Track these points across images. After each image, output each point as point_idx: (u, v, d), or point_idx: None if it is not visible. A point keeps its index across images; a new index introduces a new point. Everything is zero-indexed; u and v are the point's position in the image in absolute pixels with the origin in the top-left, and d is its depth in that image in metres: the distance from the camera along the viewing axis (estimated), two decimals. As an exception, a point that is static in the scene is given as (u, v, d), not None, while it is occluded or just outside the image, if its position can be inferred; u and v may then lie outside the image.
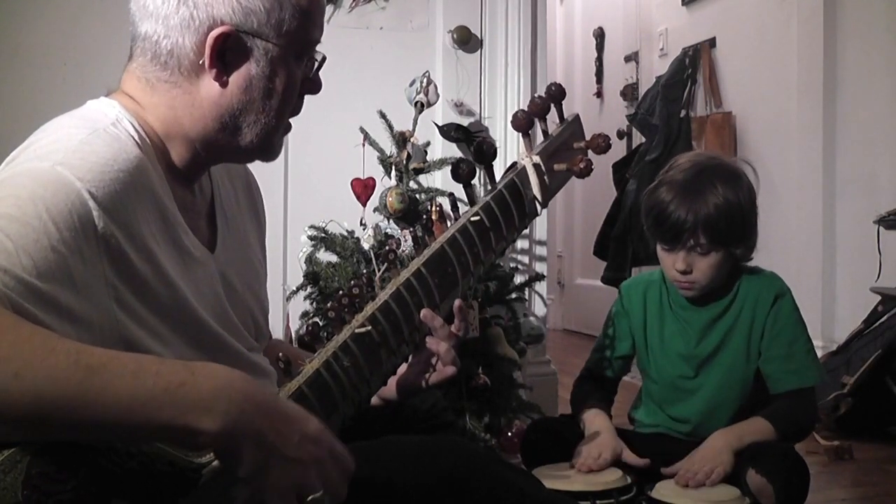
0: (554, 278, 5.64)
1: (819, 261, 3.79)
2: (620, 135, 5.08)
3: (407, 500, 1.04)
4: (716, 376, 1.88)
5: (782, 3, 4.04)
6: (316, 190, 2.83)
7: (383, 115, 2.61)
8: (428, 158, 2.66)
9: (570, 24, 6.07)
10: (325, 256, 2.54)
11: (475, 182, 1.34)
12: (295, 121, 1.16)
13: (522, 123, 1.36)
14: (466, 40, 2.98)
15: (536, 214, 1.38)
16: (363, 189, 2.59)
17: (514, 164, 1.37)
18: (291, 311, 2.58)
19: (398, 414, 1.33)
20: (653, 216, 1.84)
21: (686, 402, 1.91)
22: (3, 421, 0.79)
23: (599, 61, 5.65)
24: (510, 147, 2.98)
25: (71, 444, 0.85)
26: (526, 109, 1.36)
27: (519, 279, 2.83)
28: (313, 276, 2.48)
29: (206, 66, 1.04)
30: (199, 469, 0.92)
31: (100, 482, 0.86)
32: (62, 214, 0.90)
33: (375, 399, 1.25)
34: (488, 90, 3.04)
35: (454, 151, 2.87)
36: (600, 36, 5.63)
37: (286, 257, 2.77)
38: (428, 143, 2.71)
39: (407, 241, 2.36)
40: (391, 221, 2.52)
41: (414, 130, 2.61)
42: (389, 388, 1.27)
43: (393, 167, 2.58)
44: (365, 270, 2.43)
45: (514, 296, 2.72)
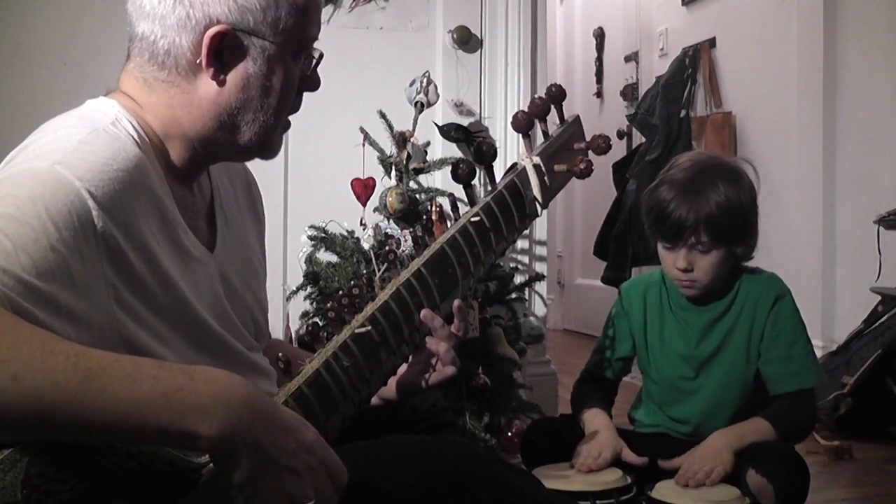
0: (554, 278, 5.64)
1: (819, 261, 3.79)
2: (620, 135, 5.08)
3: (407, 500, 1.04)
4: (716, 377, 1.88)
5: (782, 3, 4.04)
6: (316, 190, 2.83)
7: (383, 115, 2.61)
8: (428, 158, 2.66)
9: (570, 24, 6.07)
10: (325, 256, 2.54)
11: (475, 182, 1.33)
12: (295, 121, 1.16)
13: (522, 124, 1.36)
14: (466, 40, 2.98)
15: (537, 215, 1.38)
16: (363, 189, 2.59)
17: (514, 165, 1.37)
18: (291, 311, 2.58)
19: (398, 414, 1.33)
20: (654, 214, 1.84)
21: (686, 402, 1.90)
22: (2, 423, 0.79)
23: (599, 61, 5.65)
24: (510, 147, 2.98)
25: (71, 443, 0.85)
26: (526, 110, 1.36)
27: (519, 279, 2.83)
28: (313, 276, 2.48)
29: (204, 65, 1.04)
30: (198, 469, 0.92)
31: (99, 482, 0.86)
32: (61, 214, 0.90)
33: (375, 399, 1.25)
34: (488, 90, 3.04)
35: (454, 151, 2.87)
36: (600, 36, 5.63)
37: (286, 257, 2.77)
38: (428, 143, 2.71)
39: (407, 242, 2.36)
40: (391, 221, 2.52)
41: (414, 130, 2.61)
42: (389, 388, 1.27)
43: (393, 167, 2.58)
44: (365, 270, 2.42)
45: (514, 296, 2.72)
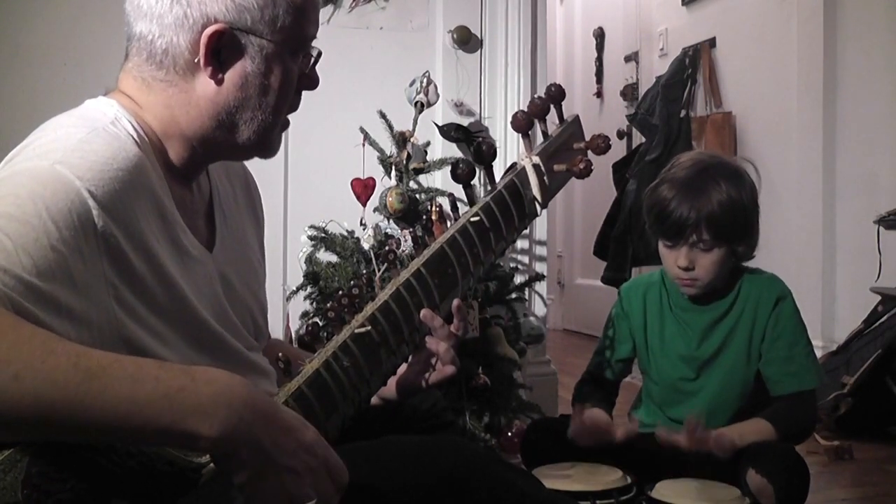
0: (554, 278, 5.64)
1: (819, 261, 3.79)
2: (620, 135, 5.08)
3: (407, 500, 1.04)
4: (716, 378, 1.88)
5: (782, 3, 4.04)
6: (316, 190, 2.83)
7: (383, 115, 2.61)
8: (428, 158, 2.66)
9: (570, 24, 6.07)
10: (325, 256, 2.54)
11: (475, 182, 1.33)
12: (295, 121, 1.16)
13: (522, 124, 1.36)
14: (466, 40, 2.98)
15: (536, 215, 1.38)
16: (363, 189, 2.59)
17: (513, 165, 1.37)
18: (291, 311, 2.58)
19: (398, 414, 1.33)
20: (655, 213, 1.84)
21: (686, 403, 1.90)
22: (2, 422, 0.79)
23: (599, 61, 5.65)
24: (510, 147, 2.98)
25: (71, 443, 0.85)
26: (526, 110, 1.36)
27: (519, 279, 2.83)
28: (313, 276, 2.48)
29: (202, 64, 1.04)
30: (198, 469, 0.92)
31: (99, 481, 0.86)
32: (62, 213, 0.90)
33: (375, 399, 1.25)
34: (488, 90, 3.04)
35: (454, 151, 2.87)
36: (600, 36, 5.63)
37: (286, 257, 2.77)
38: (428, 143, 2.71)
39: (407, 242, 2.36)
40: (391, 221, 2.52)
41: (414, 130, 2.61)
42: (389, 387, 1.27)
43: (393, 167, 2.58)
44: (365, 270, 2.42)
45: (514, 296, 2.72)
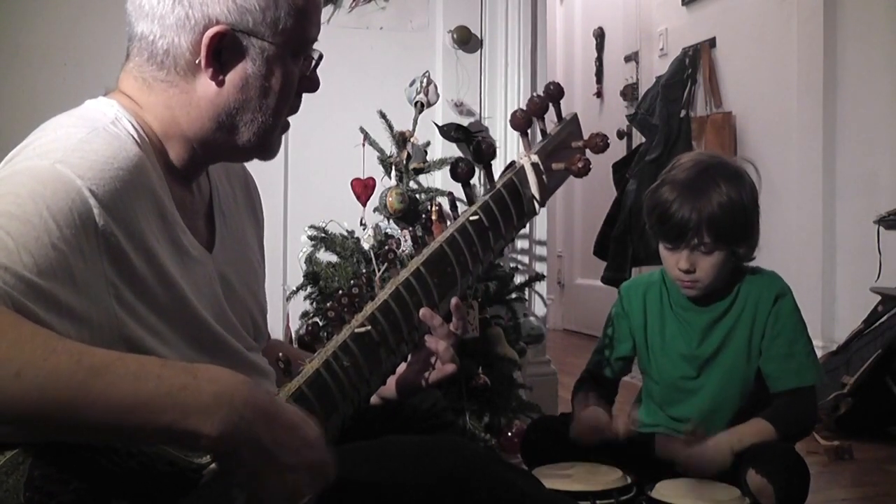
0: (554, 278, 5.64)
1: (819, 261, 3.79)
2: (620, 135, 5.08)
3: (407, 500, 1.04)
4: (717, 376, 1.88)
5: (782, 3, 4.04)
6: (316, 190, 2.83)
7: (383, 115, 2.61)
8: (428, 158, 2.67)
9: (570, 24, 6.07)
10: (325, 256, 2.54)
11: (474, 181, 1.33)
12: (295, 121, 1.16)
13: (521, 122, 1.36)
14: (466, 40, 2.98)
15: (535, 213, 1.38)
16: (363, 189, 2.59)
17: (512, 164, 1.37)
18: (291, 311, 2.58)
19: (398, 413, 1.33)
20: (656, 215, 1.84)
21: (687, 402, 1.91)
22: (4, 421, 0.79)
23: (599, 61, 5.65)
24: (510, 147, 2.98)
25: (72, 445, 0.85)
26: (524, 108, 1.36)
27: (519, 279, 2.83)
28: (313, 276, 2.48)
29: (203, 65, 1.04)
30: (199, 469, 0.92)
31: (100, 482, 0.86)
32: (62, 212, 0.90)
33: (375, 398, 1.25)
34: (488, 90, 3.04)
35: (454, 151, 2.87)
36: (600, 36, 5.63)
37: (286, 257, 2.77)
38: (428, 143, 2.71)
39: (407, 241, 2.36)
40: (391, 221, 2.52)
41: (414, 130, 2.61)
42: (389, 387, 1.27)
43: (393, 167, 2.58)
44: (365, 270, 2.43)
45: (514, 296, 2.72)
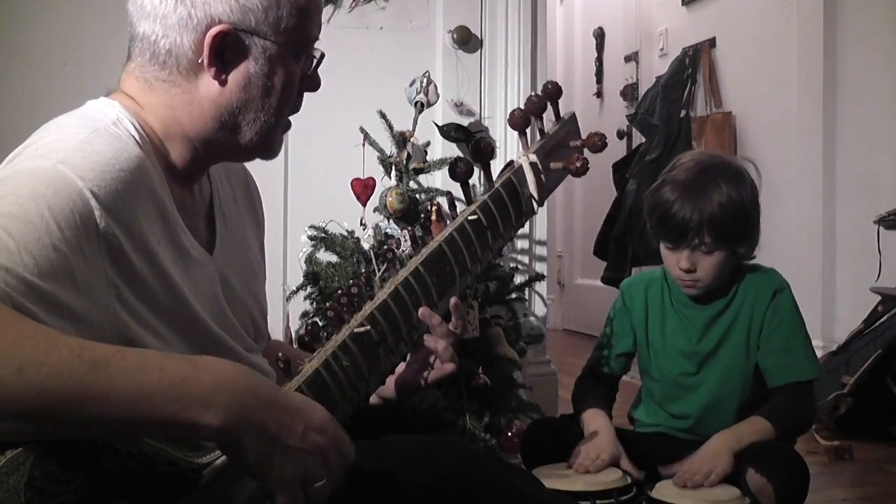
0: (554, 278, 5.64)
1: (819, 261, 3.79)
2: (620, 135, 5.08)
3: (407, 500, 1.04)
4: (717, 372, 1.88)
5: (782, 3, 4.04)
6: (316, 190, 2.84)
7: (383, 115, 2.61)
8: (428, 158, 2.67)
9: (570, 24, 6.07)
10: (325, 256, 2.54)
11: (473, 181, 1.34)
12: (295, 121, 1.16)
13: (519, 122, 1.36)
14: (466, 40, 2.98)
15: (533, 213, 1.38)
16: (363, 189, 2.60)
17: (510, 163, 1.37)
18: (291, 311, 2.58)
19: (398, 413, 1.33)
20: (657, 215, 1.84)
21: (687, 398, 1.91)
22: (7, 417, 0.79)
23: (599, 61, 5.65)
24: (510, 147, 2.98)
25: (73, 444, 0.85)
26: (523, 108, 1.36)
27: (519, 279, 2.84)
28: (313, 276, 2.49)
29: (205, 64, 1.04)
30: (199, 469, 0.92)
31: (101, 483, 0.86)
32: (64, 213, 0.90)
33: (374, 398, 1.25)
34: (488, 90, 3.04)
35: (454, 151, 2.87)
36: (600, 36, 5.64)
37: (286, 257, 2.77)
38: (428, 143, 2.72)
39: (406, 241, 2.37)
40: (391, 221, 2.52)
41: (414, 130, 2.61)
42: (388, 386, 1.27)
43: (393, 167, 2.58)
44: (365, 270, 2.43)
45: (514, 296, 2.72)
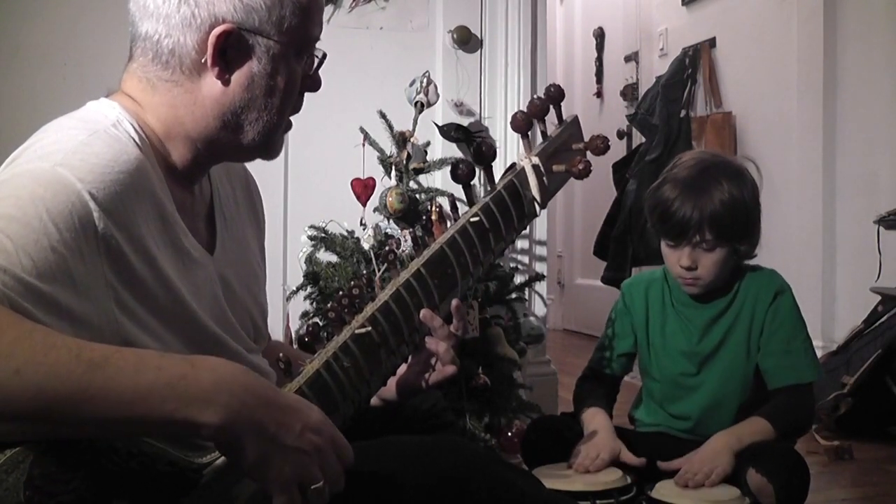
0: (554, 278, 5.64)
1: (819, 261, 3.79)
2: (620, 135, 5.08)
3: (407, 500, 1.04)
4: (717, 373, 1.89)
5: (782, 3, 4.04)
6: (316, 190, 2.83)
7: (383, 115, 2.61)
8: (428, 158, 2.67)
9: (570, 24, 6.07)
10: (325, 256, 2.54)
11: (474, 183, 1.34)
12: (295, 121, 1.16)
13: (521, 124, 1.36)
14: (466, 40, 2.98)
15: (535, 215, 1.38)
16: (363, 189, 2.60)
17: (512, 165, 1.37)
18: (291, 311, 2.58)
19: (398, 414, 1.33)
20: (658, 213, 1.84)
21: (687, 399, 1.91)
22: (5, 418, 0.79)
23: (599, 61, 5.65)
24: (510, 147, 2.98)
25: (72, 444, 0.85)
26: (525, 111, 1.36)
27: (519, 279, 2.83)
28: (313, 276, 2.49)
29: (209, 64, 1.04)
30: (199, 469, 0.92)
31: (101, 482, 0.86)
32: (62, 215, 0.90)
33: (375, 399, 1.25)
34: (488, 90, 3.04)
35: (454, 151, 2.87)
36: (600, 36, 5.64)
37: (286, 257, 2.77)
38: (428, 143, 2.72)
39: (407, 242, 2.37)
40: (391, 221, 2.52)
41: (414, 130, 2.61)
42: (389, 388, 1.27)
43: (393, 167, 2.58)
44: (365, 270, 2.43)
45: (514, 296, 2.72)
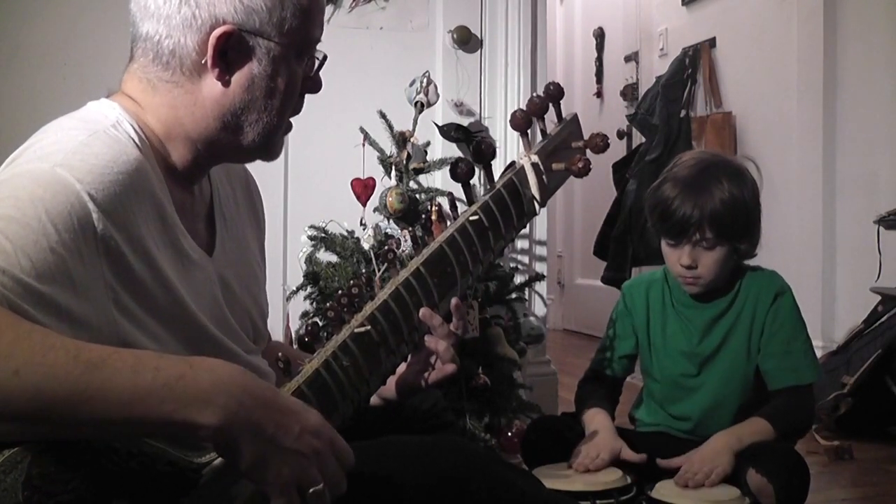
0: (554, 278, 5.64)
1: (819, 261, 3.79)
2: (620, 135, 5.08)
3: (407, 500, 1.04)
4: (717, 374, 1.89)
5: (782, 3, 4.04)
6: (316, 190, 2.83)
7: (383, 115, 2.61)
8: (428, 158, 2.67)
9: (570, 24, 6.07)
10: (325, 256, 2.54)
11: (474, 181, 1.34)
12: (295, 121, 1.16)
13: (521, 123, 1.36)
14: (466, 40, 2.98)
15: (535, 214, 1.38)
16: (363, 189, 2.60)
17: (512, 164, 1.37)
18: (291, 311, 2.58)
19: (398, 414, 1.33)
20: (658, 212, 1.84)
21: (688, 399, 1.91)
22: (4, 418, 0.79)
23: (599, 61, 5.65)
24: (510, 147, 2.98)
25: (71, 444, 0.85)
26: (524, 109, 1.36)
27: (519, 279, 2.84)
28: (313, 276, 2.49)
29: (209, 65, 1.04)
30: (199, 469, 0.92)
31: (100, 482, 0.86)
32: (61, 216, 0.90)
33: (375, 399, 1.25)
34: (488, 90, 3.04)
35: (454, 151, 2.87)
36: (600, 36, 5.64)
37: (286, 257, 2.77)
38: (428, 143, 2.72)
39: (407, 241, 2.37)
40: (391, 221, 2.52)
41: (414, 130, 2.61)
42: (389, 387, 1.27)
43: (393, 167, 2.58)
44: (365, 270, 2.43)
45: (514, 296, 2.72)
